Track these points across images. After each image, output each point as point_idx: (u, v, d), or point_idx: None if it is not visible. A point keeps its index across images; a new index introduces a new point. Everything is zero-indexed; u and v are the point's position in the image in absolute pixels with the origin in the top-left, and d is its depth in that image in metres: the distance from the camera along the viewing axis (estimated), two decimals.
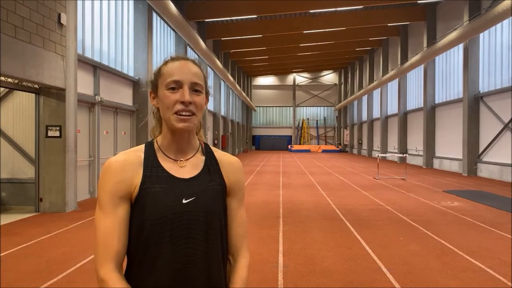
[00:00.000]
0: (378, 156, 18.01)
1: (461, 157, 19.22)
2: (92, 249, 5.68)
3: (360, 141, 43.18)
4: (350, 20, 25.06)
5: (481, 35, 17.81)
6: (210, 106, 28.14)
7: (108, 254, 1.20)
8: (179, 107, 1.25)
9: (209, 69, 26.19)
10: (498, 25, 16.37)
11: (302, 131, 55.14)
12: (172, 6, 14.39)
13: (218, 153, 1.42)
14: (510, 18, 15.06)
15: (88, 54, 10.95)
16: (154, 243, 1.23)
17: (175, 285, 1.23)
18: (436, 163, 22.92)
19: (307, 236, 6.63)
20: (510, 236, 5.34)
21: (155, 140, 1.37)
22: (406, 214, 8.57)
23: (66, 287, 4.27)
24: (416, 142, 26.46)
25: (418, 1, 21.84)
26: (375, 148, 36.90)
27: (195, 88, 1.28)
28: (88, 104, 10.77)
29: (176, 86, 1.26)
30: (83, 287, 4.29)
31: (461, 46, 19.17)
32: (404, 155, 19.89)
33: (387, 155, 18.71)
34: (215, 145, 29.30)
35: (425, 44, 23.17)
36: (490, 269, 4.91)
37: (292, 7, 20.78)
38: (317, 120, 55.76)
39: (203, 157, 1.38)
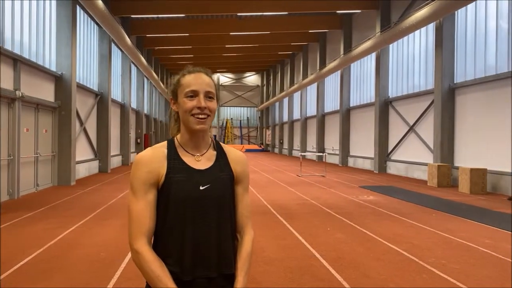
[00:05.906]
0: (300, 155, 19.08)
1: (372, 156, 21.11)
2: (27, 252, 5.52)
3: (281, 141, 44.88)
4: (274, 25, 25.99)
5: (390, 46, 19.76)
6: (133, 104, 27.20)
7: (141, 230, 1.46)
8: (196, 111, 1.53)
9: (132, 66, 25.48)
10: (405, 38, 18.33)
11: (226, 130, 55.73)
12: (99, 0, 13.88)
13: (226, 148, 1.71)
14: (414, 33, 16.97)
15: (8, 46, 10.20)
16: (178, 221, 1.50)
17: (194, 256, 1.50)
18: (351, 162, 24.83)
19: None
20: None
21: (175, 138, 1.64)
22: (330, 207, 9.41)
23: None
24: (332, 142, 28.30)
25: (337, 11, 23.41)
26: (295, 147, 38.65)
27: (208, 96, 1.57)
28: (8, 99, 10.06)
29: (193, 94, 1.54)
30: (26, 286, 4.23)
31: (373, 54, 21.02)
32: (323, 154, 21.29)
33: (308, 154, 19.87)
34: (138, 144, 28.40)
35: (342, 51, 24.89)
36: (405, 251, 5.74)
37: (221, 8, 21.07)
38: (240, 120, 56.75)
39: (215, 152, 1.66)
